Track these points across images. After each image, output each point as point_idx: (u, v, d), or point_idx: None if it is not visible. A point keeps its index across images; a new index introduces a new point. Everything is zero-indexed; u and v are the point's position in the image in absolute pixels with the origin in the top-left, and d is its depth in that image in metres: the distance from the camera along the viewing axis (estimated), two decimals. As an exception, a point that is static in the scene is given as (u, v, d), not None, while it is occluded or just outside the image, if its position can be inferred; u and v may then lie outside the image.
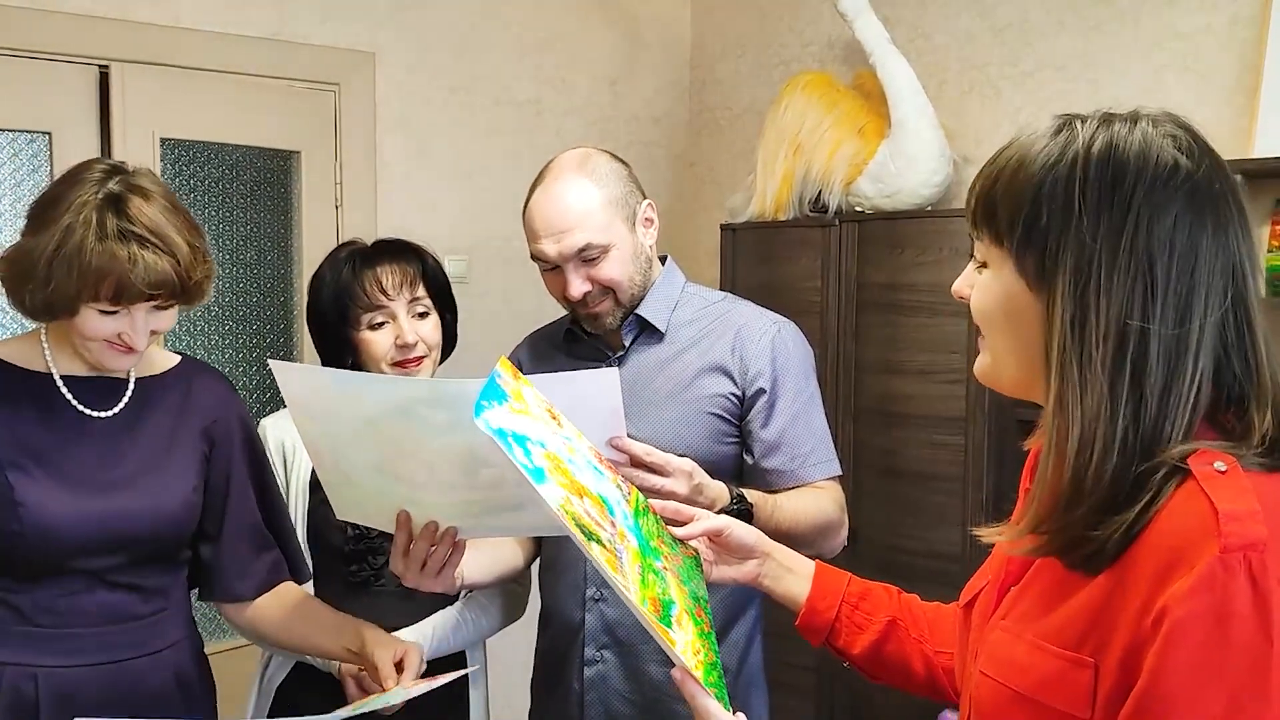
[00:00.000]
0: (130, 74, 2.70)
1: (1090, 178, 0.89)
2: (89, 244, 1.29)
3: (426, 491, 1.27)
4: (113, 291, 1.30)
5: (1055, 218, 0.90)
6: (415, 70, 3.19)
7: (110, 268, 1.29)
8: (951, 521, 2.66)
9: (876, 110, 2.91)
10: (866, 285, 2.83)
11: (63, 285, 1.30)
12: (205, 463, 1.50)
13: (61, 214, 1.31)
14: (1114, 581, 0.86)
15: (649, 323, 1.68)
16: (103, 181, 1.34)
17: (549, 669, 1.75)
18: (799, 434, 1.62)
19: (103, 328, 1.34)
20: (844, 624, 1.27)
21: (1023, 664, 0.93)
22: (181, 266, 1.34)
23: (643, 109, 3.69)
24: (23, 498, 1.33)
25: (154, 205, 1.35)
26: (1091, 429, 0.87)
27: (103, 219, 1.30)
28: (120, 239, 1.30)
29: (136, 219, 1.32)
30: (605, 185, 1.62)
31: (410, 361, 1.76)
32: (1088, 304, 0.88)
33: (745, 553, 1.28)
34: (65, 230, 1.30)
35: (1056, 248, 0.90)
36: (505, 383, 1.12)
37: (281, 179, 3.03)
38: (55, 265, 1.30)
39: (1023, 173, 0.92)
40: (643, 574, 1.06)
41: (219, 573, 1.51)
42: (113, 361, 1.38)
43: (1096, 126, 0.92)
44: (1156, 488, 0.86)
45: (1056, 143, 0.92)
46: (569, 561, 1.68)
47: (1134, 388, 0.87)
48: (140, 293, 1.31)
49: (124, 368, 1.40)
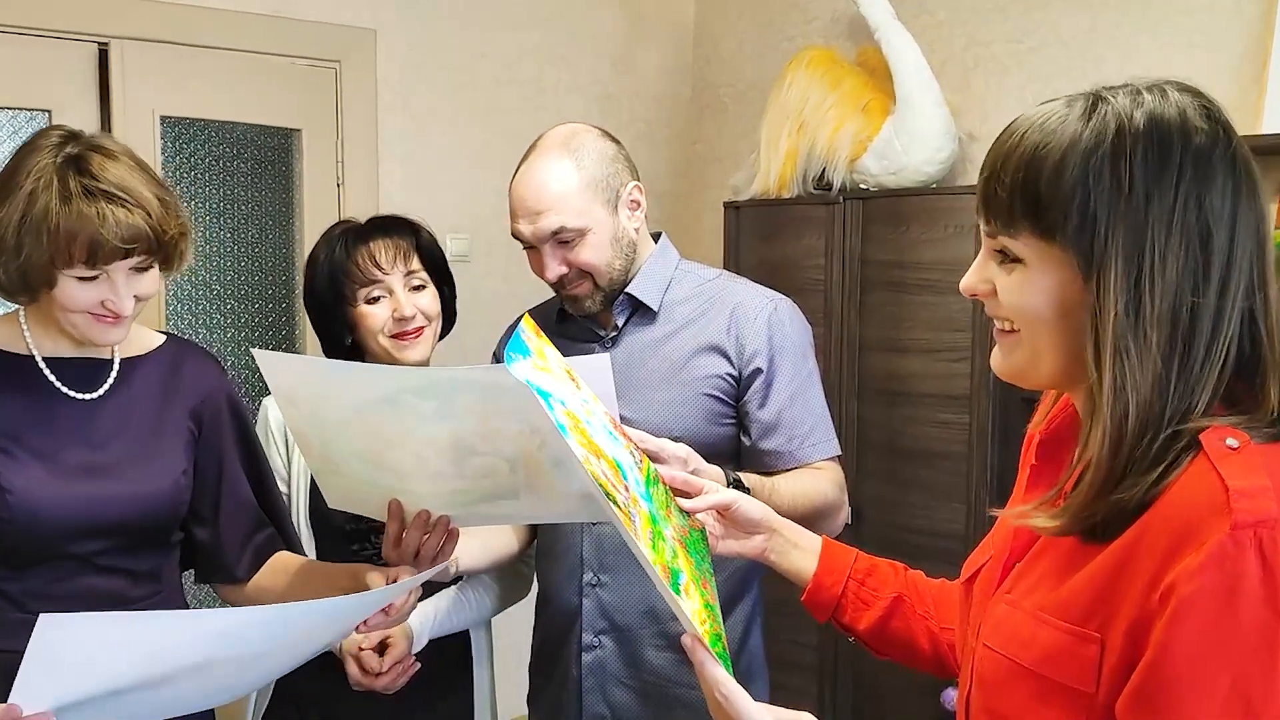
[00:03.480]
0: (130, 51, 2.69)
1: (1138, 155, 0.86)
2: (53, 207, 1.26)
3: (416, 481, 1.26)
4: (86, 252, 1.27)
5: (1104, 202, 0.86)
6: (416, 47, 3.17)
7: (79, 227, 1.26)
8: (956, 499, 2.66)
9: (881, 87, 2.89)
10: (871, 263, 2.81)
11: (34, 254, 1.27)
12: (194, 444, 1.48)
13: (22, 182, 1.28)
14: (1122, 556, 0.85)
15: (641, 302, 1.65)
16: (60, 146, 1.31)
17: (546, 654, 1.75)
18: (797, 414, 1.60)
19: (84, 296, 1.31)
20: (850, 600, 1.27)
21: (1027, 638, 0.92)
22: (153, 219, 1.30)
23: (645, 87, 3.66)
24: (8, 483, 1.31)
25: (116, 162, 1.32)
26: (1146, 409, 0.86)
27: (65, 179, 1.28)
28: (86, 197, 1.27)
29: (100, 176, 1.29)
30: (587, 166, 1.59)
31: (409, 334, 1.75)
32: (1143, 287, 0.85)
33: (752, 527, 1.28)
34: (28, 198, 1.27)
35: (1107, 233, 0.86)
36: (529, 339, 1.12)
37: (283, 157, 3.01)
38: (24, 234, 1.27)
39: (1064, 159, 0.87)
40: (653, 541, 1.06)
41: (215, 554, 1.50)
42: (101, 335, 1.35)
43: (1129, 100, 0.88)
44: (1172, 459, 0.85)
45: (1093, 124, 0.87)
46: (566, 547, 1.67)
47: (1182, 363, 0.86)
48: (115, 249, 1.27)
49: (114, 340, 1.37)
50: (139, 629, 1.03)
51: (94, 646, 1.00)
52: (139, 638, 1.03)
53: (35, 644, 0.96)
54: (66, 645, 0.98)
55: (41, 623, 0.94)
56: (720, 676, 1.00)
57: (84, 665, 1.01)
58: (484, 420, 1.19)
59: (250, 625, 1.10)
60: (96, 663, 1.01)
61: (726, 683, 0.99)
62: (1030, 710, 0.91)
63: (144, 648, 1.03)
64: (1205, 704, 0.79)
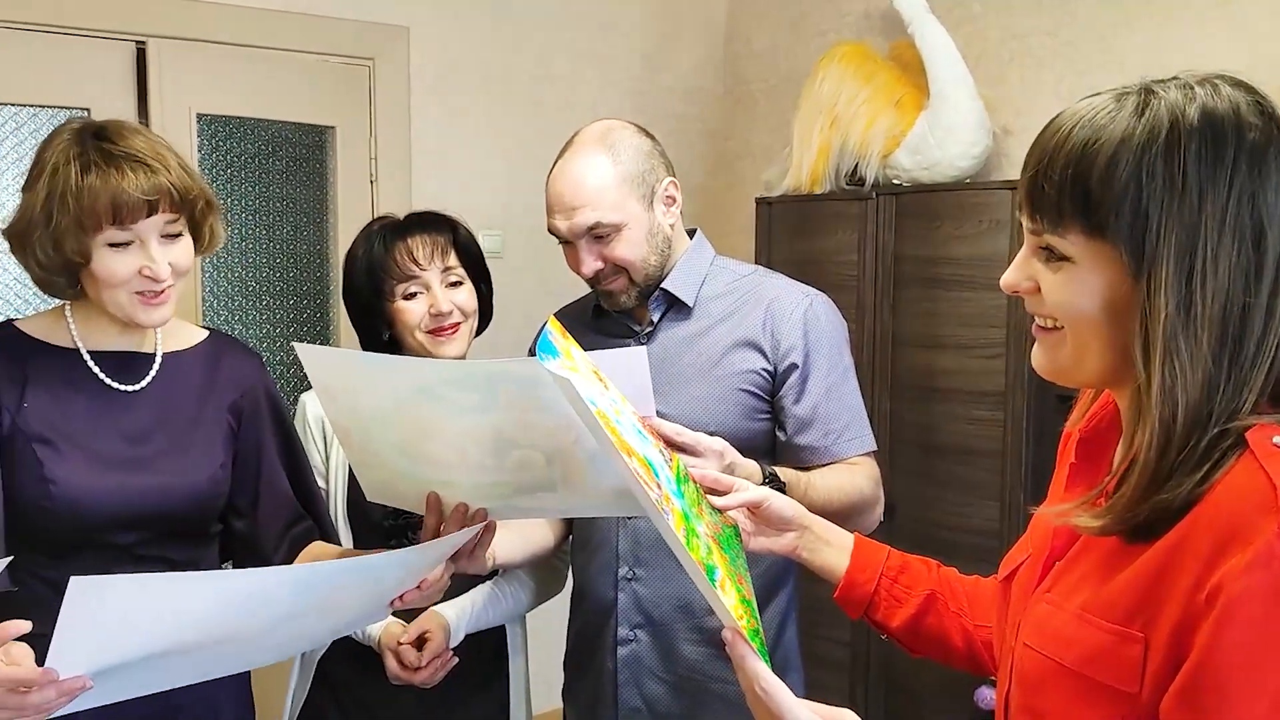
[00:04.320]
0: (167, 50, 2.71)
1: (1192, 151, 0.84)
2: (74, 174, 1.30)
3: (455, 473, 1.27)
4: (111, 210, 1.30)
5: (1156, 199, 0.84)
6: (449, 44, 3.18)
7: (102, 186, 1.29)
8: (989, 497, 2.64)
9: (914, 81, 2.87)
10: (904, 259, 2.79)
11: (62, 221, 1.30)
12: (233, 438, 1.50)
13: (46, 163, 1.33)
14: (1166, 556, 0.85)
15: (677, 297, 1.65)
16: (80, 128, 1.36)
17: (582, 647, 1.75)
18: (832, 409, 1.60)
19: (121, 267, 1.33)
20: (883, 597, 1.26)
21: (1069, 637, 0.91)
22: (174, 175, 1.34)
23: (677, 82, 3.66)
24: (52, 474, 1.34)
25: (135, 133, 1.36)
26: (1195, 410, 0.84)
27: (85, 150, 1.32)
28: (107, 162, 1.31)
29: (117, 142, 1.33)
30: (623, 162, 1.59)
31: (445, 329, 1.76)
32: (1195, 286, 0.84)
33: (784, 525, 1.27)
34: (51, 173, 1.32)
35: (1159, 231, 0.84)
36: (556, 340, 1.12)
37: (317, 154, 3.04)
38: (51, 206, 1.31)
39: (1116, 155, 0.85)
40: (686, 538, 1.06)
41: (252, 545, 1.51)
42: (145, 315, 1.37)
43: (1181, 95, 0.87)
44: (1218, 457, 0.84)
45: (1146, 119, 0.86)
46: (601, 541, 1.68)
47: (1232, 362, 0.85)
48: (138, 202, 1.30)
49: (158, 321, 1.39)
50: (171, 588, 1.04)
51: (127, 608, 1.01)
52: (171, 597, 1.03)
53: (68, 607, 0.97)
54: (99, 607, 0.99)
55: (73, 585, 0.95)
56: (760, 670, 0.99)
57: (117, 627, 1.02)
58: (522, 413, 1.19)
59: (282, 584, 1.11)
60: (130, 625, 1.02)
61: (767, 676, 0.99)
62: (1071, 710, 0.90)
63: (177, 607, 1.04)
64: (1253, 704, 0.78)
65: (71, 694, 1.04)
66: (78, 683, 1.04)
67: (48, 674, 1.02)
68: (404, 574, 1.26)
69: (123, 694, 1.10)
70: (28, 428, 1.35)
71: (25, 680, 1.03)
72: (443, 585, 1.32)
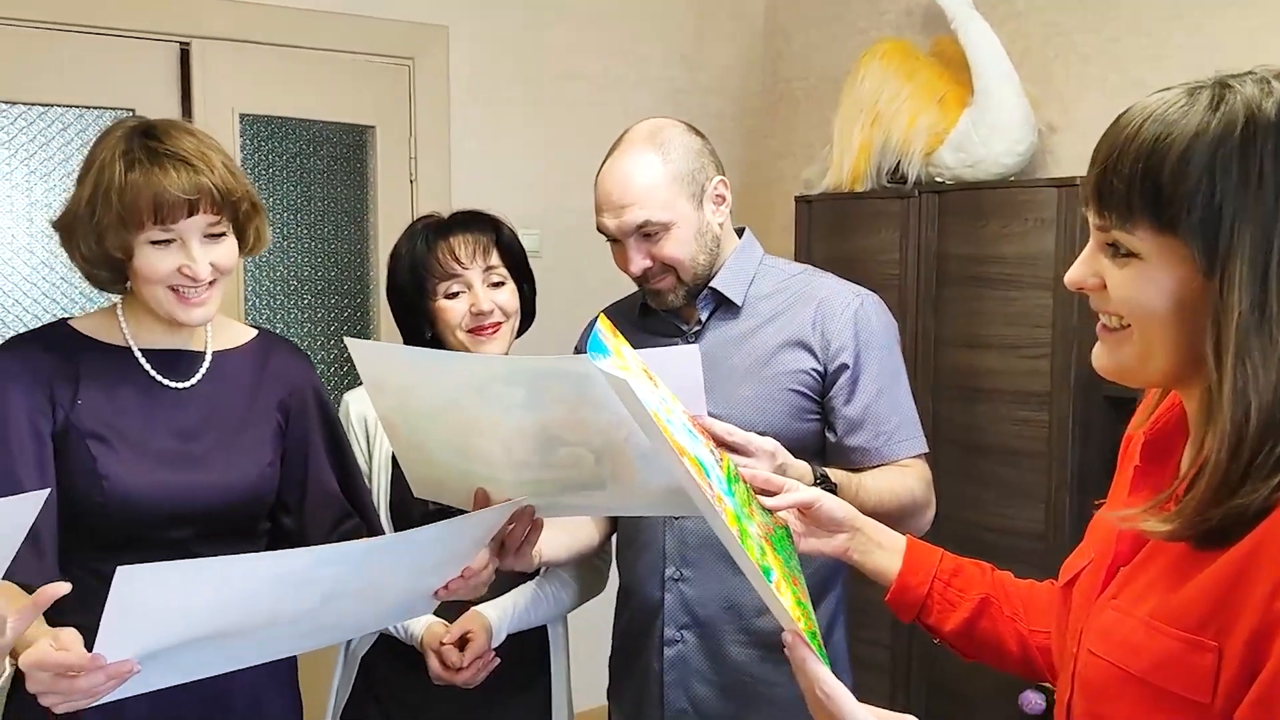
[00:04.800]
0: (210, 50, 2.74)
1: (1269, 147, 0.82)
2: (119, 172, 1.32)
3: (503, 470, 1.26)
4: (152, 208, 1.31)
5: (1231, 195, 0.83)
6: (487, 43, 3.19)
7: (144, 183, 1.31)
8: (1035, 499, 2.60)
9: (957, 78, 2.83)
10: (947, 258, 2.76)
11: (105, 218, 1.32)
12: (281, 436, 1.51)
13: (95, 160, 1.35)
14: (1241, 563, 0.82)
15: (725, 296, 1.64)
16: (132, 127, 1.38)
17: (628, 648, 1.74)
18: (883, 410, 1.58)
19: (161, 264, 1.34)
20: (936, 601, 1.24)
21: (1136, 645, 0.89)
22: (216, 176, 1.35)
23: (715, 81, 3.64)
24: (105, 470, 1.35)
25: (183, 132, 1.38)
26: (1268, 412, 0.82)
27: (130, 148, 1.34)
28: (151, 160, 1.32)
29: (164, 141, 1.35)
30: (673, 160, 1.58)
31: (486, 329, 1.76)
32: (1270, 284, 0.82)
33: (835, 526, 1.26)
34: (99, 170, 1.33)
35: (1233, 228, 0.83)
36: (606, 338, 1.11)
37: (357, 154, 3.05)
38: (95, 202, 1.32)
39: (1189, 150, 0.84)
40: (740, 539, 1.05)
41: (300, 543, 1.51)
42: (185, 313, 1.38)
43: (1257, 90, 0.85)
44: None
45: (1221, 114, 0.84)
46: (648, 540, 1.67)
47: None
48: (179, 201, 1.31)
49: (198, 320, 1.40)
50: (213, 571, 1.04)
51: (171, 593, 1.02)
52: (214, 580, 1.04)
53: (115, 595, 0.98)
54: (145, 593, 1.00)
55: (119, 575, 0.96)
56: (822, 674, 0.98)
57: (163, 612, 1.03)
58: (572, 410, 1.19)
59: (322, 561, 1.11)
60: (175, 609, 1.03)
61: (828, 680, 0.97)
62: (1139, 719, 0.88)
63: (220, 590, 1.05)
64: None
65: (119, 678, 1.05)
66: (125, 666, 1.05)
67: (96, 659, 1.03)
68: (443, 552, 1.25)
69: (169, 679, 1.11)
70: (81, 424, 1.36)
71: (74, 665, 1.04)
72: (488, 576, 1.31)
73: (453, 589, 1.29)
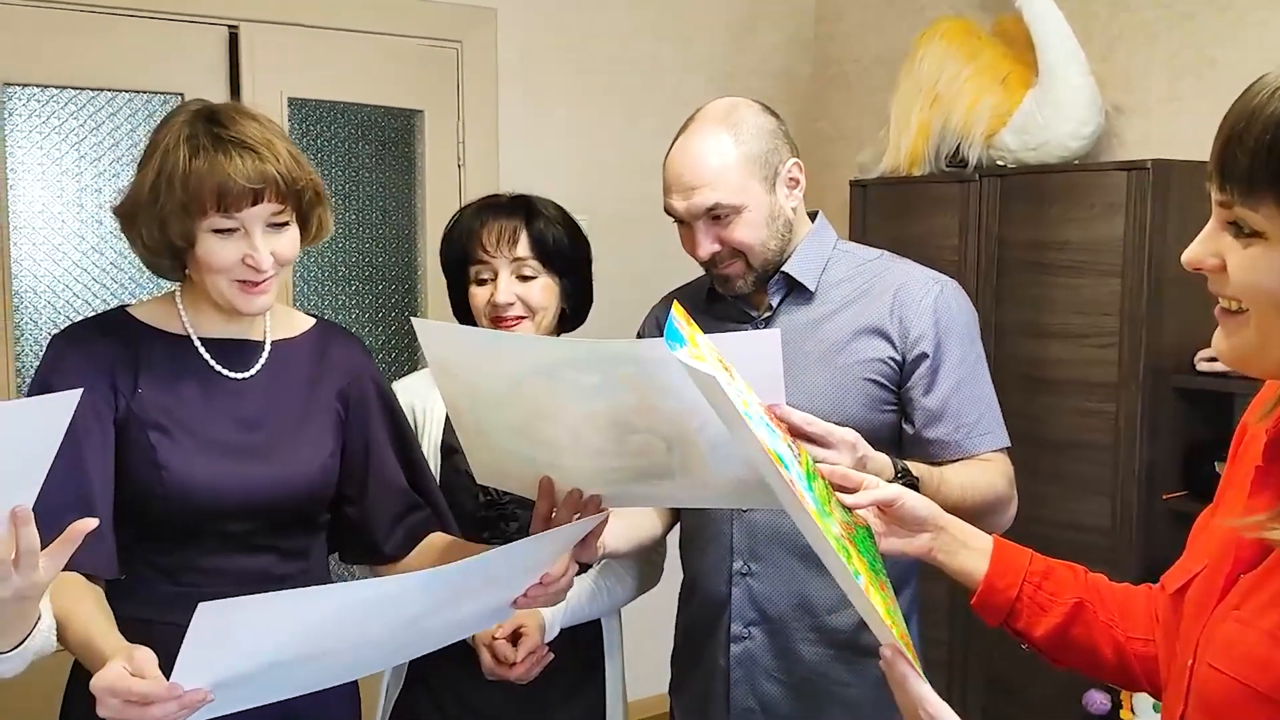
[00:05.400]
0: (259, 34, 2.71)
1: None
2: (183, 158, 1.29)
3: (570, 457, 1.23)
4: (216, 197, 1.28)
5: None
6: (535, 26, 3.14)
7: (209, 171, 1.27)
8: (1099, 493, 2.53)
9: (1021, 58, 2.75)
10: (1009, 243, 2.69)
11: (168, 205, 1.29)
12: (342, 426, 1.47)
13: (159, 145, 1.32)
14: None
15: (797, 281, 1.58)
16: (196, 111, 1.35)
17: (692, 644, 1.69)
18: (964, 402, 1.52)
19: (224, 253, 1.31)
20: (1025, 604, 1.18)
21: (1263, 659, 0.83)
22: (281, 164, 1.31)
23: (764, 63, 3.58)
24: (165, 461, 1.32)
25: (248, 118, 1.34)
26: None
27: (195, 134, 1.30)
28: (216, 146, 1.29)
29: (230, 127, 1.31)
30: (746, 141, 1.52)
31: (506, 320, 1.69)
32: None
33: (918, 525, 1.20)
34: (163, 154, 1.30)
35: None
36: (681, 327, 1.07)
37: (405, 138, 3.02)
38: (159, 188, 1.29)
39: None
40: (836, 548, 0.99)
41: (364, 534, 1.49)
42: (246, 303, 1.35)
43: None
44: None
45: None
46: (714, 533, 1.62)
47: None
48: (244, 191, 1.28)
49: (258, 309, 1.37)
50: (298, 606, 1.01)
51: (253, 628, 0.99)
52: (298, 614, 1.02)
53: (195, 630, 0.95)
54: (227, 628, 0.98)
55: (201, 611, 0.93)
56: (925, 694, 0.92)
57: (243, 646, 1.00)
58: (644, 397, 1.16)
59: (406, 590, 1.08)
60: (255, 642, 1.01)
61: (933, 701, 0.92)
62: (1269, 739, 0.82)
63: (302, 623, 1.02)
64: None
65: (192, 707, 1.02)
66: (199, 695, 1.02)
67: (173, 688, 1.00)
68: (526, 566, 1.21)
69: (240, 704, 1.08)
70: (141, 413, 1.34)
71: (151, 695, 1.01)
72: (567, 583, 1.27)
73: (532, 596, 1.25)
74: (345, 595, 1.06)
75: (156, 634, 1.17)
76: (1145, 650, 1.14)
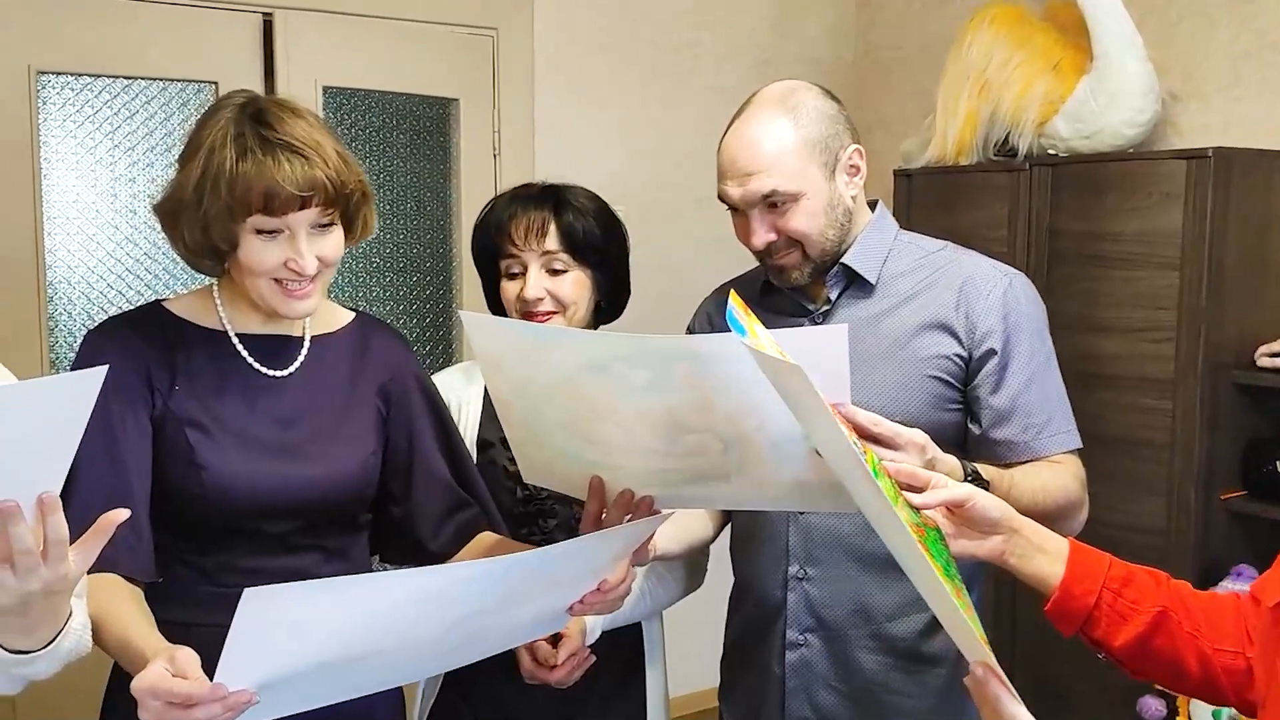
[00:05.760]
0: (293, 21, 2.68)
1: None
2: (230, 158, 1.24)
3: (622, 456, 1.19)
4: (262, 200, 1.23)
5: None
6: (572, 12, 3.09)
7: (256, 175, 1.23)
8: (1156, 492, 2.45)
9: (1074, 43, 2.67)
10: (1061, 234, 2.61)
11: (212, 207, 1.24)
12: (383, 423, 1.43)
13: (203, 141, 1.27)
14: None
15: (858, 274, 1.52)
16: (241, 106, 1.30)
17: (745, 650, 1.63)
18: (1034, 401, 1.45)
19: (267, 256, 1.27)
20: (1104, 612, 1.12)
21: None
22: (331, 169, 1.27)
23: (805, 50, 3.51)
24: (203, 460, 1.28)
25: (296, 117, 1.29)
26: None
27: (242, 133, 1.26)
28: (263, 147, 1.24)
29: (278, 128, 1.26)
30: (805, 125, 1.46)
31: (536, 316, 1.63)
32: None
33: (990, 527, 1.14)
34: (208, 153, 1.25)
35: None
36: (740, 317, 1.01)
37: (440, 127, 2.97)
38: (203, 189, 1.25)
39: None
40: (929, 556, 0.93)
41: (409, 532, 1.44)
42: (287, 307, 1.31)
43: None
44: None
45: None
46: (769, 535, 1.56)
47: None
48: (291, 196, 1.23)
49: (300, 313, 1.33)
50: (348, 594, 0.97)
51: (301, 616, 0.95)
52: (347, 603, 0.98)
53: (241, 618, 0.91)
54: (272, 617, 0.93)
55: (247, 597, 0.90)
56: (1021, 715, 0.86)
57: (290, 637, 0.96)
58: (702, 395, 1.11)
59: (456, 581, 1.03)
60: (303, 633, 0.97)
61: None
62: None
63: (351, 614, 0.98)
64: None
65: (237, 709, 0.97)
66: (244, 697, 0.98)
67: (217, 689, 0.96)
68: (584, 567, 1.16)
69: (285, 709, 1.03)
70: (179, 411, 1.29)
71: (195, 696, 0.97)
72: (625, 590, 1.22)
73: (589, 603, 1.20)
74: (397, 584, 1.02)
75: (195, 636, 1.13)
76: (1234, 664, 1.08)
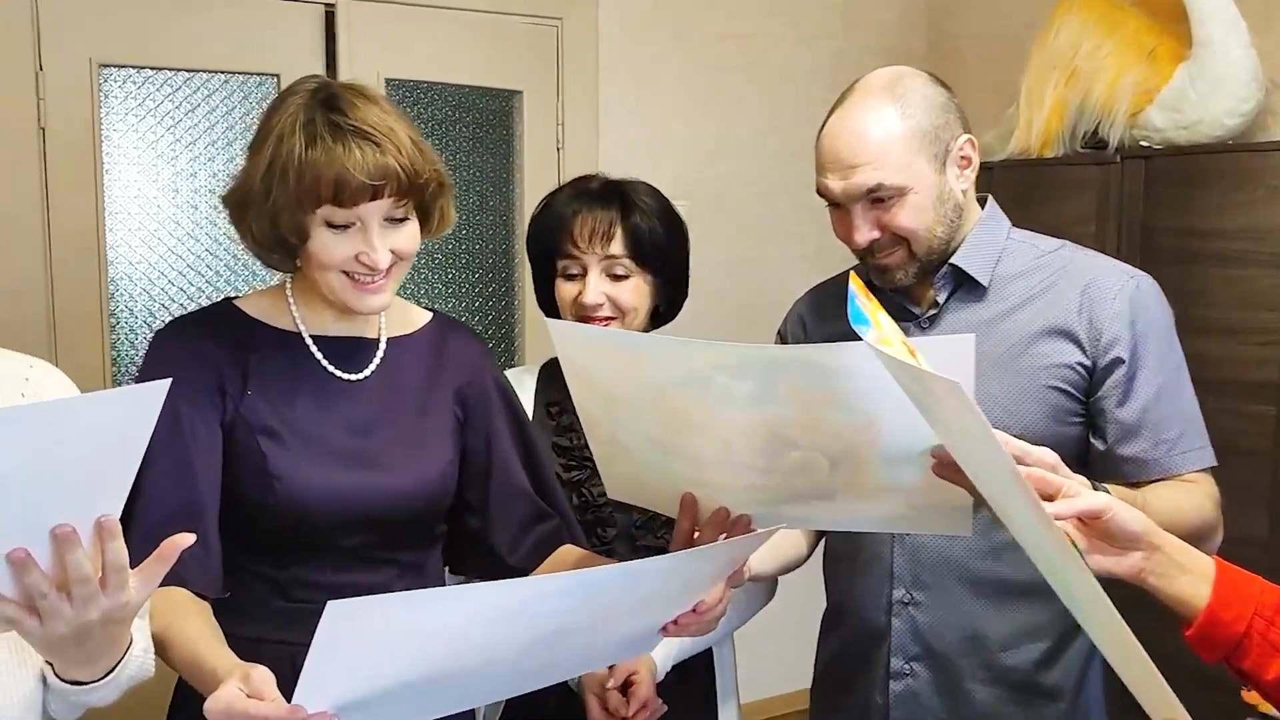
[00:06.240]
0: (356, 13, 2.62)
1: None
2: (299, 147, 1.17)
3: (716, 472, 1.11)
4: (332, 190, 1.17)
5: None
6: (637, 1, 3.02)
7: (326, 163, 1.16)
8: (1256, 502, 2.32)
9: (1169, 29, 2.54)
10: (1155, 231, 2.48)
11: (281, 197, 1.18)
12: (460, 429, 1.36)
13: (273, 129, 1.21)
14: None
15: (968, 275, 1.41)
16: (313, 92, 1.23)
17: (841, 677, 1.53)
18: (1164, 414, 1.34)
19: (338, 249, 1.21)
20: (1256, 642, 1.02)
21: None
22: (404, 157, 1.19)
23: (877, 40, 3.41)
24: (277, 470, 1.22)
25: (368, 103, 1.22)
26: None
27: (312, 120, 1.19)
28: (333, 135, 1.17)
29: (349, 114, 1.19)
30: (913, 114, 1.35)
31: (591, 321, 1.55)
32: None
33: (1129, 542, 1.04)
34: (277, 141, 1.19)
35: None
36: (862, 304, 0.92)
37: (503, 119, 2.91)
38: (272, 177, 1.19)
39: None
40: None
41: (487, 545, 1.37)
42: (359, 301, 1.24)
43: None
44: None
45: None
46: (870, 556, 1.46)
47: None
48: (363, 186, 1.17)
49: (373, 308, 1.26)
50: (432, 606, 0.91)
51: (385, 631, 0.89)
52: (434, 617, 0.91)
53: (322, 635, 0.85)
54: (356, 633, 0.87)
55: (329, 611, 0.83)
56: None
57: (373, 654, 0.90)
58: (809, 409, 1.04)
59: (544, 594, 0.96)
60: (386, 650, 0.91)
61: None
62: None
63: (437, 629, 0.92)
64: None
65: None
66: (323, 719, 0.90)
67: (296, 711, 0.90)
68: (679, 587, 1.08)
69: None
70: (251, 417, 1.23)
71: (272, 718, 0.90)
72: (722, 611, 1.13)
73: (683, 624, 1.11)
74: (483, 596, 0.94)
75: (266, 653, 1.07)
76: None
